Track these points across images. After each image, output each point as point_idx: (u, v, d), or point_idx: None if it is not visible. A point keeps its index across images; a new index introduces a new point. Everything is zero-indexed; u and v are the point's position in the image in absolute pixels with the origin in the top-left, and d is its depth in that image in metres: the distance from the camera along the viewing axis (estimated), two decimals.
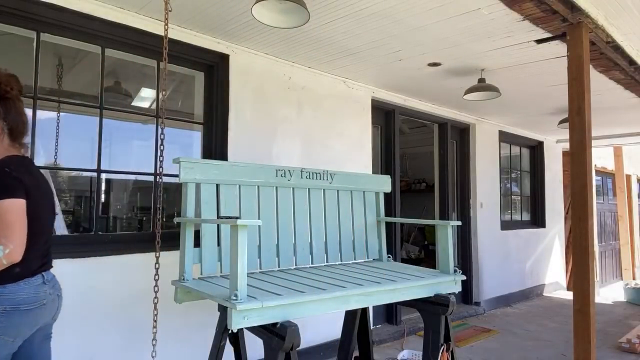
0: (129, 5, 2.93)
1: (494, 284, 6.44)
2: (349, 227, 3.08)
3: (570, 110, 3.00)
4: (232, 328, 1.79)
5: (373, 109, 4.80)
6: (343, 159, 4.42)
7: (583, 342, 2.85)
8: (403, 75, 4.33)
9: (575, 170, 2.96)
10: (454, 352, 2.63)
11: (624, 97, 4.89)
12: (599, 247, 8.80)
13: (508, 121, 6.58)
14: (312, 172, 2.92)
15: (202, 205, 2.41)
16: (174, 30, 3.18)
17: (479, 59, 3.85)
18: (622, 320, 5.95)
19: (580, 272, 2.88)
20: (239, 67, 3.61)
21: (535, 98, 5.16)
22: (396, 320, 5.06)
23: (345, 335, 3.11)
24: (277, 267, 2.70)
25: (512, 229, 6.96)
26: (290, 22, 2.67)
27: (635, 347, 4.51)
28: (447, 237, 2.72)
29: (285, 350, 1.84)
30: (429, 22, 3.11)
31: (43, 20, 2.73)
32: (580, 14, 2.89)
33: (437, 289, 2.59)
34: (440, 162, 6.04)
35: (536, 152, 7.80)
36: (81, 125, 3.93)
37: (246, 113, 3.66)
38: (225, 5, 2.88)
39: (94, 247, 2.85)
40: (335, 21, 3.09)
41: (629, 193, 9.75)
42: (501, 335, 5.10)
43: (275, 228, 2.70)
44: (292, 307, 1.95)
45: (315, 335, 3.98)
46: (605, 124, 6.50)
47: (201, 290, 2.11)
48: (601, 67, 3.91)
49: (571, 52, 3.01)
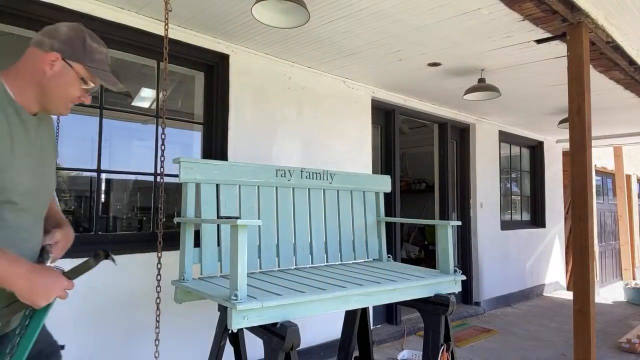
0: (128, 5, 2.93)
1: (494, 284, 6.44)
2: (349, 227, 3.08)
3: (570, 110, 3.00)
4: (232, 328, 1.79)
5: (373, 109, 4.80)
6: (343, 159, 4.42)
7: (583, 342, 2.85)
8: (403, 75, 4.33)
9: (575, 170, 2.96)
10: (454, 352, 2.63)
11: (624, 97, 4.89)
12: (599, 247, 8.80)
13: (508, 121, 6.58)
14: (312, 172, 2.91)
15: (202, 205, 2.41)
16: (174, 30, 3.18)
17: (479, 59, 3.85)
18: (622, 320, 5.95)
19: (580, 272, 2.88)
20: (239, 67, 3.61)
21: (535, 98, 5.16)
22: (396, 320, 5.06)
23: (345, 335, 3.11)
24: (277, 267, 2.70)
25: (512, 229, 6.96)
26: (290, 22, 2.67)
27: (635, 347, 4.51)
28: (447, 237, 2.72)
29: (285, 350, 1.84)
30: (429, 22, 3.11)
31: (43, 20, 2.72)
32: (580, 14, 2.89)
33: (437, 289, 2.59)
34: (440, 162, 6.04)
35: (536, 152, 7.80)
36: (81, 125, 3.94)
37: (246, 113, 3.66)
38: (225, 5, 2.88)
39: (94, 247, 2.85)
40: (335, 21, 3.09)
41: (629, 193, 9.76)
42: (501, 335, 5.10)
43: (275, 228, 2.70)
44: (292, 307, 1.95)
45: (315, 335, 3.98)
46: (605, 124, 6.50)
47: (201, 290, 2.11)
48: (601, 67, 3.91)
49: (571, 52, 3.01)
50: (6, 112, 1.24)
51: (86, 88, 1.37)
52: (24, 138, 1.30)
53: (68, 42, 1.31)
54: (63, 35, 1.31)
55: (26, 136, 1.31)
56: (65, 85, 1.32)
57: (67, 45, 1.31)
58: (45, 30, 1.33)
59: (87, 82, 1.35)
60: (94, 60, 1.35)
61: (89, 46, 1.34)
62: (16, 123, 1.27)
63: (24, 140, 1.30)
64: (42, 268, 1.20)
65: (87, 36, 1.35)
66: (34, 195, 1.34)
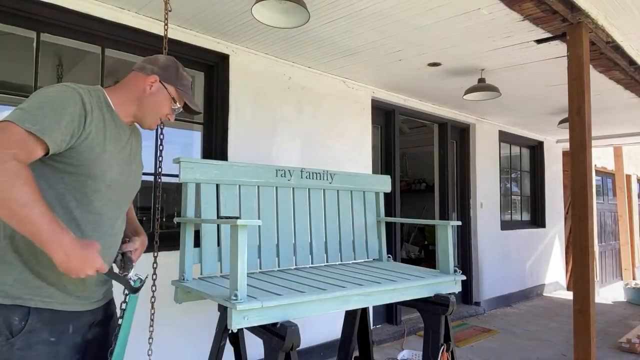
0: (128, 5, 2.93)
1: (494, 284, 6.44)
2: (349, 227, 3.08)
3: (570, 110, 3.00)
4: (232, 328, 1.79)
5: (373, 109, 4.80)
6: (343, 159, 4.41)
7: (583, 342, 2.85)
8: (403, 75, 4.33)
9: (575, 170, 2.96)
10: (454, 352, 2.63)
11: (624, 97, 4.89)
12: (599, 247, 8.80)
13: (508, 121, 6.58)
14: (312, 172, 2.91)
15: (202, 205, 2.41)
16: (174, 30, 3.18)
17: (479, 59, 3.85)
18: (622, 320, 5.95)
19: (580, 272, 2.88)
20: (239, 67, 3.61)
21: (535, 98, 5.16)
22: (396, 320, 5.06)
23: (345, 335, 3.10)
24: (277, 267, 2.69)
25: (512, 229, 6.96)
26: (290, 22, 2.67)
27: (635, 347, 4.51)
28: (447, 237, 2.72)
29: (285, 350, 1.84)
30: (429, 22, 3.11)
31: (43, 20, 2.73)
32: (580, 14, 2.89)
33: (437, 289, 2.59)
34: (440, 162, 6.04)
35: (536, 152, 7.80)
36: None
37: (246, 113, 3.66)
38: (225, 5, 2.88)
39: None
40: (335, 21, 3.09)
41: (629, 193, 9.76)
42: (501, 335, 5.10)
43: (275, 228, 2.70)
44: (292, 307, 1.95)
45: (315, 335, 3.98)
46: (605, 124, 6.50)
47: (201, 290, 2.11)
48: (601, 67, 3.91)
49: (571, 52, 3.01)
50: (104, 115, 1.49)
51: (174, 107, 1.65)
52: (116, 139, 1.52)
53: (165, 69, 1.61)
54: (162, 63, 1.62)
55: (118, 138, 1.54)
56: (159, 102, 1.60)
57: (165, 71, 1.60)
58: (147, 58, 1.64)
59: (176, 102, 1.64)
60: (183, 85, 1.65)
61: (181, 74, 1.65)
62: (111, 125, 1.51)
63: (116, 141, 1.52)
64: (82, 245, 1.29)
65: (180, 66, 1.67)
66: (119, 188, 1.54)
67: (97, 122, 1.44)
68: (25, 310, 1.33)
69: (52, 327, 1.37)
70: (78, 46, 3.03)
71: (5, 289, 1.33)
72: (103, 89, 1.56)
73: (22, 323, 1.32)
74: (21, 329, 1.32)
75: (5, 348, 1.31)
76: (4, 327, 1.31)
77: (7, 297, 1.32)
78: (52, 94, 1.37)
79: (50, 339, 1.36)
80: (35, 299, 1.35)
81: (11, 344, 1.31)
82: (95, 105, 1.46)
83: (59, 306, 1.39)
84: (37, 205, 1.21)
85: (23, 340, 1.32)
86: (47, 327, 1.36)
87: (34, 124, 1.27)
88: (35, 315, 1.34)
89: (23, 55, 2.81)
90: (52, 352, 1.36)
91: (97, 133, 1.43)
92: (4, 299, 1.32)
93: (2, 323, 1.31)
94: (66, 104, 1.36)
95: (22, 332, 1.32)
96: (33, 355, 1.33)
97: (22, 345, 1.31)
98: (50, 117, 1.31)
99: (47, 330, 1.36)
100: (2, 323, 1.31)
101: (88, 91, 1.46)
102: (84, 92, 1.44)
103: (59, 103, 1.35)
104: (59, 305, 1.39)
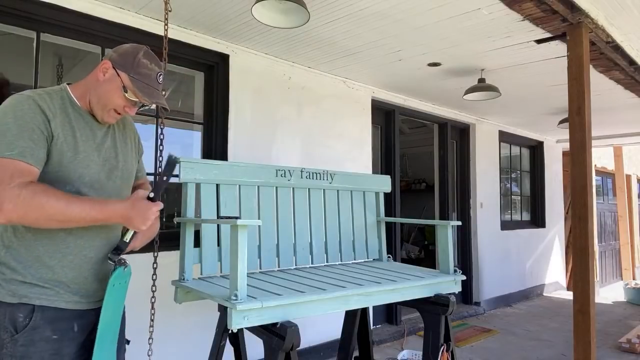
0: (128, 5, 2.93)
1: (494, 284, 6.44)
2: (349, 227, 3.08)
3: (570, 110, 3.00)
4: (232, 328, 1.78)
5: (373, 109, 4.80)
6: (343, 159, 4.41)
7: (583, 342, 2.85)
8: (403, 75, 4.33)
9: (575, 170, 2.96)
10: (454, 352, 2.62)
11: (624, 97, 4.89)
12: (599, 247, 8.80)
13: (508, 121, 6.58)
14: (312, 172, 2.91)
15: (202, 206, 2.41)
16: (174, 30, 3.17)
17: (479, 59, 3.85)
18: (622, 320, 5.95)
19: (580, 272, 2.88)
20: (239, 67, 3.61)
21: (535, 98, 5.16)
22: (396, 320, 5.06)
23: (345, 335, 3.10)
24: (277, 267, 2.69)
25: (512, 229, 6.96)
26: (290, 22, 2.67)
27: (635, 347, 4.51)
28: (447, 237, 2.72)
29: (285, 350, 1.84)
30: (429, 22, 3.11)
31: (43, 20, 2.73)
32: (580, 14, 2.89)
33: (437, 289, 2.59)
34: (440, 162, 6.04)
35: (536, 152, 7.80)
36: None
37: (246, 113, 3.66)
38: (225, 5, 2.88)
39: None
40: (335, 21, 3.09)
41: (629, 193, 9.76)
42: (501, 335, 5.10)
43: (275, 228, 2.70)
44: (292, 307, 1.95)
45: (315, 335, 3.98)
46: (605, 124, 6.50)
47: (201, 290, 2.11)
48: (601, 67, 3.91)
49: (571, 52, 3.01)
50: (70, 115, 1.43)
51: (131, 99, 1.48)
52: (89, 137, 1.47)
53: (122, 55, 1.49)
54: (122, 50, 1.51)
55: (92, 135, 1.48)
56: (110, 91, 1.46)
57: (121, 57, 1.48)
58: (115, 47, 1.55)
59: (128, 92, 1.46)
60: (139, 73, 1.47)
61: (139, 60, 1.48)
62: (81, 124, 1.45)
63: (90, 139, 1.47)
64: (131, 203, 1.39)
65: (142, 53, 1.51)
66: (102, 187, 1.50)
67: (62, 126, 1.40)
68: (30, 308, 1.35)
69: (55, 325, 1.38)
70: (78, 46, 3.03)
71: (12, 288, 1.35)
72: (67, 86, 1.50)
73: (26, 320, 1.34)
74: (25, 326, 1.34)
75: (10, 344, 1.33)
76: (9, 324, 1.33)
77: (14, 296, 1.35)
78: (11, 111, 1.33)
79: (52, 336, 1.37)
80: (40, 298, 1.37)
81: (15, 340, 1.33)
82: (58, 107, 1.41)
83: (64, 304, 1.41)
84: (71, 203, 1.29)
85: (26, 336, 1.33)
86: (49, 324, 1.37)
87: (11, 150, 1.27)
88: (39, 313, 1.36)
89: (23, 55, 2.81)
90: (54, 349, 1.37)
91: (65, 137, 1.39)
92: (12, 298, 1.35)
93: (7, 320, 1.33)
94: (28, 118, 1.33)
95: (26, 328, 1.34)
96: (35, 351, 1.34)
97: (25, 341, 1.33)
98: (22, 137, 1.30)
99: (50, 328, 1.37)
100: (8, 320, 1.33)
101: (47, 95, 1.41)
102: (40, 98, 1.38)
103: (21, 120, 1.32)
104: (64, 304, 1.41)
